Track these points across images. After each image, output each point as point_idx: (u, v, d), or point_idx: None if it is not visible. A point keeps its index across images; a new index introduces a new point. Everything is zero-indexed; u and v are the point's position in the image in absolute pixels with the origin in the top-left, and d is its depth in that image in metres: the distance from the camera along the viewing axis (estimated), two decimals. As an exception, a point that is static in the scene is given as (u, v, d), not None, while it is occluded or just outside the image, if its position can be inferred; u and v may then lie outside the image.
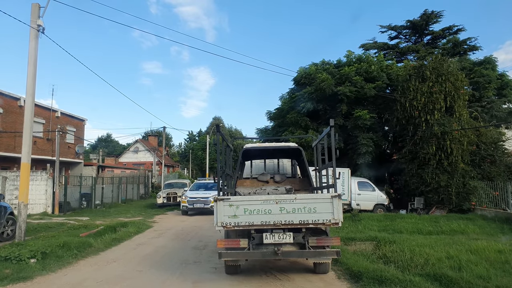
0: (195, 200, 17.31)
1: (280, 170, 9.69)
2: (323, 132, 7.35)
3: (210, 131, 53.43)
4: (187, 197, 17.60)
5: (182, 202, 17.68)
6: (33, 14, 9.50)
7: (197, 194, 17.88)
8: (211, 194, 16.87)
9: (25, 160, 9.35)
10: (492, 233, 11.15)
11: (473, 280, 5.76)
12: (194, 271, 7.12)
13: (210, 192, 17.50)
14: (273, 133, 23.15)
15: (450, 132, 16.12)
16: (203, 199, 17.25)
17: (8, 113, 22.57)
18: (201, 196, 17.43)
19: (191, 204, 17.29)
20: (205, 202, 17.08)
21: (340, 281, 6.39)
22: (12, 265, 7.06)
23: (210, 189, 18.45)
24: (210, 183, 19.75)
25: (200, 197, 17.40)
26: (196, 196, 17.57)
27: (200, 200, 17.25)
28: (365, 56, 22.44)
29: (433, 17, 24.63)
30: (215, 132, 7.31)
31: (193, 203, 17.24)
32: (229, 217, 5.80)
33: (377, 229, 11.75)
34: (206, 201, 17.05)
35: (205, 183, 20.86)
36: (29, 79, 9.42)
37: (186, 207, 17.41)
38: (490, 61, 22.22)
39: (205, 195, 17.46)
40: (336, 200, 5.78)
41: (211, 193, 17.08)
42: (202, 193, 17.99)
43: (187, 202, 17.36)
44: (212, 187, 18.37)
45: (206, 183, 20.44)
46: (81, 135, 31.71)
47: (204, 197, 17.29)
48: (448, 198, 15.88)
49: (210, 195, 16.85)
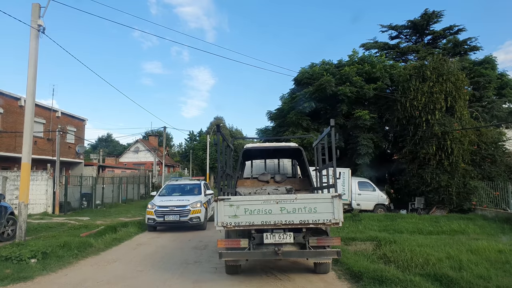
0: (166, 210, 12.20)
1: (281, 170, 9.69)
2: (323, 132, 7.35)
3: (210, 131, 53.42)
4: (154, 206, 12.43)
5: (148, 213, 12.46)
6: (33, 14, 9.50)
7: (169, 201, 12.70)
8: (190, 200, 12.54)
9: (25, 160, 9.35)
10: (493, 233, 11.14)
11: (473, 280, 5.75)
12: (195, 271, 7.12)
13: (189, 197, 13.03)
14: (273, 133, 23.14)
15: (450, 132, 16.12)
16: (178, 208, 12.17)
17: (8, 113, 22.58)
18: (176, 204, 12.30)
19: (160, 216, 12.17)
20: (181, 212, 12.11)
21: (341, 281, 6.39)
22: (12, 265, 7.07)
23: (190, 193, 14.01)
24: (190, 185, 15.10)
25: (174, 205, 12.27)
26: (168, 204, 12.41)
27: (174, 211, 12.15)
28: (369, 56, 22.49)
29: (433, 17, 24.63)
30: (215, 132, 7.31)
31: (164, 214, 12.16)
32: (230, 217, 5.80)
33: (378, 229, 11.75)
34: (182, 212, 12.12)
35: (182, 184, 15.46)
36: (30, 79, 9.42)
37: (153, 220, 12.25)
38: (490, 60, 22.24)
39: (181, 202, 12.44)
40: (336, 200, 5.78)
41: (190, 199, 12.76)
42: (177, 199, 12.88)
43: (155, 213, 12.23)
44: (193, 190, 14.23)
45: (184, 185, 15.20)
46: (81, 135, 31.72)
47: (179, 206, 12.24)
48: (449, 198, 15.89)
49: (189, 202, 12.40)
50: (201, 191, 13.88)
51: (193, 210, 12.23)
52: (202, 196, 13.35)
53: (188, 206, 12.29)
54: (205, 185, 14.77)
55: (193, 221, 12.14)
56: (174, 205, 12.33)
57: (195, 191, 14.03)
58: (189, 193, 13.94)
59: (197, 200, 12.67)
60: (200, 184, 14.74)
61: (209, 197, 13.95)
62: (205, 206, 12.84)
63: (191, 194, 13.70)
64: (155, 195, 14.11)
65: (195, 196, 13.39)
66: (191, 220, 12.14)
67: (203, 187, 14.27)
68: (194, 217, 12.20)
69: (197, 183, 15.06)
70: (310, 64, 22.57)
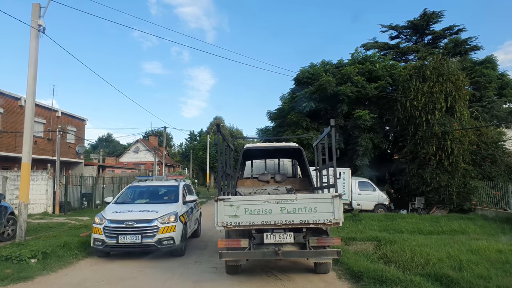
0: (121, 227, 7.92)
1: (281, 170, 9.69)
2: (323, 132, 7.36)
3: (210, 131, 53.43)
4: (103, 220, 8.15)
5: (94, 231, 8.17)
6: (33, 14, 9.50)
7: (128, 212, 8.38)
8: (160, 212, 8.32)
9: (25, 160, 9.35)
10: (493, 233, 11.14)
11: (473, 280, 5.75)
12: (195, 271, 7.12)
13: (159, 207, 8.68)
14: (273, 133, 23.15)
15: (450, 132, 16.12)
16: (140, 224, 7.94)
17: (8, 113, 22.59)
18: (136, 218, 8.06)
19: (112, 236, 7.91)
20: (144, 231, 7.90)
21: (341, 281, 6.40)
22: (13, 265, 7.07)
23: (161, 199, 9.68)
24: (163, 187, 10.28)
25: (134, 219, 8.02)
26: (124, 217, 8.12)
27: (134, 228, 7.90)
28: (371, 55, 22.53)
29: (434, 17, 24.63)
30: (215, 132, 7.30)
31: (117, 233, 7.90)
32: (230, 217, 5.80)
33: (378, 229, 11.74)
34: (147, 230, 7.92)
35: (152, 186, 10.38)
36: (30, 79, 9.42)
37: (101, 242, 7.98)
38: (490, 60, 22.25)
39: (145, 215, 8.17)
40: (336, 200, 5.78)
41: (160, 209, 8.50)
42: (141, 210, 8.51)
43: (104, 232, 7.97)
44: (166, 195, 9.82)
45: (154, 188, 10.32)
46: (81, 135, 31.73)
47: (142, 221, 8.01)
48: (449, 198, 15.89)
49: (157, 214, 8.19)
50: (178, 197, 9.40)
51: (163, 227, 7.92)
52: (178, 205, 8.97)
53: (156, 220, 7.94)
54: (185, 188, 10.35)
55: (163, 244, 7.93)
56: (134, 219, 7.92)
57: (170, 197, 9.56)
58: (160, 200, 9.50)
59: (171, 212, 8.37)
60: (178, 186, 9.97)
61: (190, 205, 9.85)
62: (183, 219, 8.60)
63: (163, 202, 9.31)
64: (110, 202, 9.48)
65: (169, 204, 8.91)
66: (160, 243, 7.86)
67: (181, 191, 9.72)
68: (165, 238, 7.92)
69: (173, 185, 10.11)
70: (310, 64, 22.61)
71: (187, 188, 10.62)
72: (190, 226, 9.65)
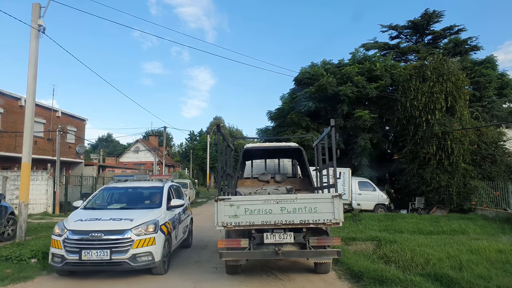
0: (85, 239, 6.33)
1: (281, 170, 9.69)
2: (323, 132, 7.36)
3: (210, 131, 53.43)
4: (64, 231, 6.55)
5: (52, 245, 6.58)
6: (33, 14, 9.50)
7: (95, 221, 6.72)
8: (135, 220, 6.68)
9: (25, 160, 9.35)
10: (493, 233, 11.15)
11: (474, 280, 5.76)
12: (195, 271, 7.12)
13: (136, 213, 7.04)
14: (273, 133, 23.16)
15: (451, 132, 16.13)
16: (109, 236, 6.36)
17: (8, 113, 22.59)
18: (105, 229, 6.44)
19: (73, 251, 6.30)
20: (114, 244, 6.33)
21: (341, 281, 6.40)
22: (13, 265, 7.08)
23: (140, 203, 7.93)
24: (144, 188, 8.48)
25: (102, 230, 6.41)
26: (89, 227, 6.51)
27: (101, 241, 6.32)
28: (371, 55, 22.56)
29: (434, 17, 24.63)
30: (215, 132, 7.30)
31: (80, 247, 6.29)
32: (230, 217, 5.80)
33: (378, 229, 11.75)
34: (117, 243, 6.35)
35: (131, 188, 8.55)
36: (30, 79, 9.43)
37: (62, 258, 6.36)
38: (490, 60, 22.25)
39: (115, 224, 6.56)
40: (336, 200, 5.78)
41: (136, 216, 6.85)
42: (111, 217, 6.84)
43: (63, 245, 6.37)
44: (148, 199, 8.12)
45: (134, 189, 8.50)
46: (81, 135, 31.74)
47: (111, 231, 6.42)
48: (449, 198, 15.90)
49: (131, 224, 6.57)
50: (161, 202, 7.67)
51: (139, 239, 6.32)
52: (161, 211, 7.33)
53: (129, 231, 6.34)
54: (172, 190, 8.56)
55: (138, 261, 6.37)
56: (102, 230, 6.30)
57: (154, 201, 7.85)
58: (139, 205, 7.73)
59: (149, 220, 6.72)
60: (162, 188, 8.16)
61: (177, 211, 8.22)
62: (165, 229, 6.99)
63: (143, 207, 7.57)
64: (78, 207, 7.69)
65: (149, 210, 7.22)
66: (134, 260, 6.30)
67: (166, 194, 7.97)
68: (141, 253, 6.32)
69: (156, 187, 8.30)
70: (311, 64, 22.62)
71: (174, 190, 8.81)
72: (177, 236, 8.02)
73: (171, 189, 8.56)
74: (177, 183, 10.22)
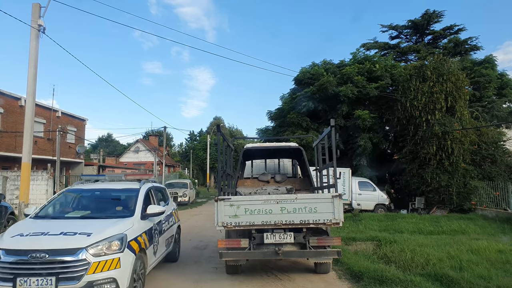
0: (23, 263, 4.46)
1: (281, 170, 9.69)
2: (323, 132, 7.36)
3: (210, 131, 53.44)
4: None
5: None
6: (33, 14, 9.51)
7: (39, 237, 4.74)
8: (93, 235, 4.81)
9: (25, 160, 9.36)
10: (493, 233, 11.14)
11: (474, 280, 5.76)
12: (195, 271, 7.12)
13: (96, 226, 5.14)
14: (273, 133, 23.17)
15: (451, 132, 16.14)
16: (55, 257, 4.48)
17: (9, 113, 22.60)
18: (50, 248, 4.51)
19: (6, 279, 4.39)
20: (61, 269, 4.46)
21: (341, 281, 6.39)
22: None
23: (107, 212, 6.02)
24: (116, 192, 6.74)
25: (46, 249, 4.50)
26: (30, 245, 4.58)
27: (44, 265, 4.44)
28: (372, 55, 22.57)
29: (434, 16, 24.66)
30: (215, 132, 7.31)
31: (15, 273, 4.42)
32: (230, 217, 5.80)
33: (378, 229, 11.74)
34: (66, 267, 4.47)
35: (99, 190, 6.75)
36: (30, 79, 9.43)
37: None
38: (489, 60, 22.27)
39: (66, 242, 4.65)
40: (336, 200, 5.78)
41: (96, 230, 4.96)
42: (62, 232, 4.84)
43: None
44: (121, 206, 6.25)
45: (103, 193, 6.70)
46: (81, 135, 31.75)
47: (59, 251, 4.52)
48: (449, 198, 15.90)
49: (87, 240, 4.71)
50: (135, 209, 5.93)
51: (97, 261, 4.67)
52: (132, 221, 5.62)
53: (84, 251, 4.67)
54: (151, 194, 6.84)
55: None
56: (46, 249, 4.56)
57: (126, 207, 6.13)
58: (106, 212, 6.03)
59: (113, 235, 5.03)
60: (138, 191, 6.39)
61: (157, 219, 6.45)
62: (136, 246, 5.28)
63: (110, 216, 5.79)
64: (29, 215, 5.96)
65: (116, 221, 5.49)
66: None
67: (141, 199, 6.22)
68: (100, 280, 4.66)
69: (131, 189, 6.55)
70: (312, 63, 22.64)
71: (155, 194, 7.06)
72: (157, 251, 6.29)
73: (150, 192, 6.80)
74: (160, 185, 8.27)
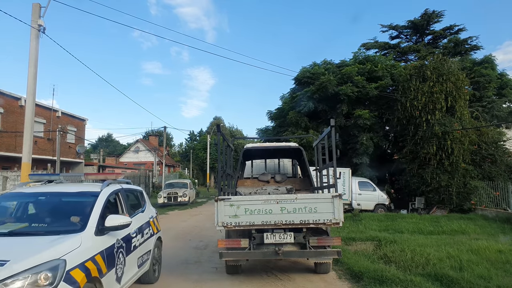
0: None
1: (281, 170, 9.69)
2: (323, 132, 7.36)
3: (210, 131, 53.44)
4: None
5: None
6: (33, 14, 9.51)
7: None
8: (11, 263, 3.13)
9: (26, 160, 9.36)
10: (493, 233, 11.14)
11: (474, 280, 5.75)
12: (195, 271, 7.11)
13: (21, 247, 3.53)
14: (273, 133, 23.17)
15: (451, 132, 16.14)
16: None
17: (9, 113, 22.60)
18: None
19: None
20: None
21: (341, 281, 6.39)
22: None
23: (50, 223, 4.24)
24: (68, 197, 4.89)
25: None
26: None
27: None
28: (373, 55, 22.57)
29: (434, 16, 24.65)
30: (215, 132, 7.32)
31: None
32: (230, 217, 5.80)
33: (378, 229, 11.75)
34: None
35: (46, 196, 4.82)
36: (30, 79, 9.43)
37: None
38: (489, 60, 22.26)
39: None
40: (336, 200, 5.78)
41: (19, 254, 3.33)
42: None
43: None
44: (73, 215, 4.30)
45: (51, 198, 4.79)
46: (81, 135, 31.75)
47: None
48: (449, 198, 15.90)
49: (4, 271, 3.04)
50: (86, 220, 4.20)
51: None
52: (81, 238, 3.90)
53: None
54: (119, 199, 5.30)
55: None
56: None
57: (83, 217, 4.26)
58: (49, 225, 4.26)
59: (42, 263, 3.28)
60: (98, 195, 4.67)
61: (123, 232, 4.77)
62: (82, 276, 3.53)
63: (50, 231, 4.04)
64: None
65: (56, 239, 3.75)
66: None
67: (99, 207, 4.49)
68: None
69: (88, 193, 4.83)
70: (312, 63, 22.64)
71: (125, 198, 5.45)
72: (123, 275, 4.62)
73: (118, 196, 5.27)
74: (135, 186, 6.71)
